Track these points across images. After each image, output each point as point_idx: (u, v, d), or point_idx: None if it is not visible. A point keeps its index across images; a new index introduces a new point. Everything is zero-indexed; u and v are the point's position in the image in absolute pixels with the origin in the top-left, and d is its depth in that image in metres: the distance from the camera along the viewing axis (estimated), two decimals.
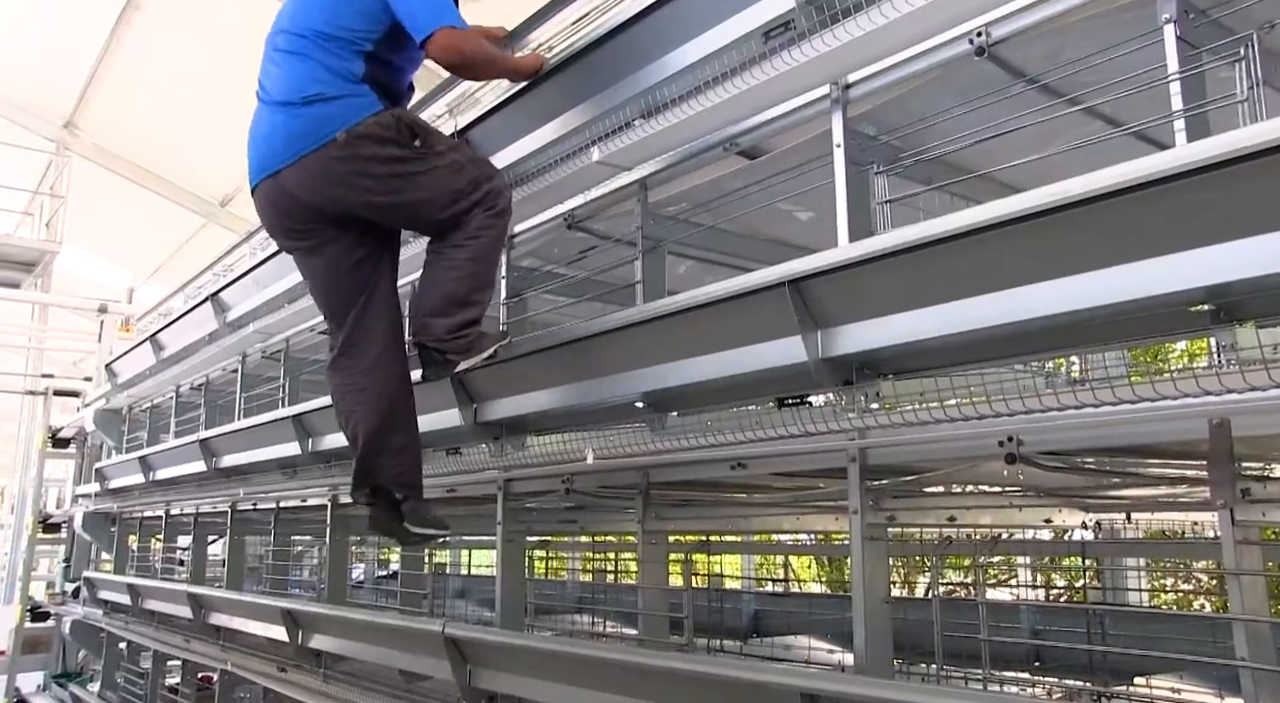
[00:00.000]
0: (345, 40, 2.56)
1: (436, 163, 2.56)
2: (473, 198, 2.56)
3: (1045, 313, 1.77)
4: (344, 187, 2.54)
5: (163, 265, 16.05)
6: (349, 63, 2.56)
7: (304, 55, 2.57)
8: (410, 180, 2.54)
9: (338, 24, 2.57)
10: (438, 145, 2.59)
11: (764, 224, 3.25)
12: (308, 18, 2.62)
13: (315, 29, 2.57)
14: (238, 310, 5.42)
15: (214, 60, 11.03)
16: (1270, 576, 2.95)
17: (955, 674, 2.40)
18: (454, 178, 2.57)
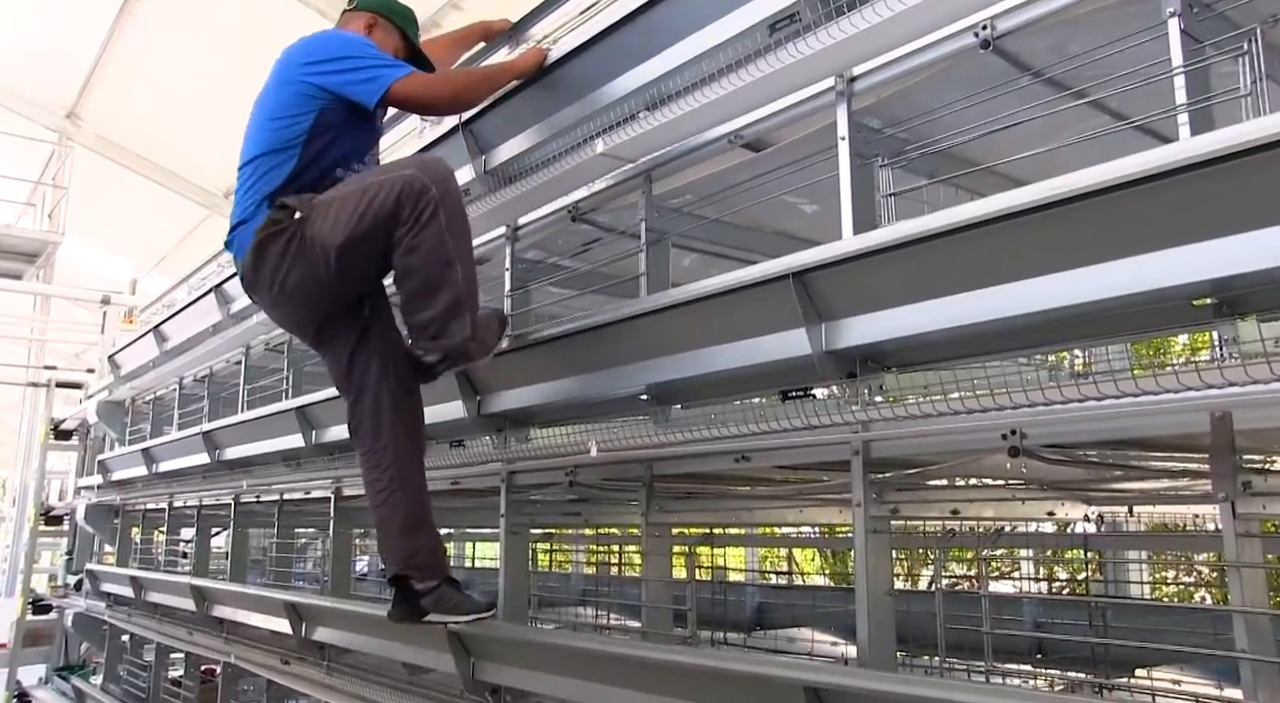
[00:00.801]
0: (277, 151, 2.63)
1: (321, 212, 2.52)
2: (384, 207, 2.46)
3: (1049, 306, 1.77)
4: (276, 294, 2.63)
5: (166, 257, 16.06)
6: (275, 174, 2.62)
7: (240, 187, 2.70)
8: (308, 249, 2.52)
9: (272, 137, 2.64)
10: (320, 196, 2.56)
11: (768, 217, 3.25)
12: (248, 146, 2.72)
13: (252, 155, 2.68)
14: (241, 302, 5.42)
15: (216, 51, 11.04)
16: (1270, 568, 2.96)
17: (958, 667, 2.41)
18: (345, 207, 2.50)
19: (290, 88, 2.65)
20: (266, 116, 2.69)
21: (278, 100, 2.67)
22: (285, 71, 2.69)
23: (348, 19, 2.90)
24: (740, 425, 2.32)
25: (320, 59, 2.63)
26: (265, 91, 2.75)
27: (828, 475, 2.84)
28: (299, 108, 2.63)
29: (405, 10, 2.96)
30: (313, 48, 2.68)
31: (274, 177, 2.62)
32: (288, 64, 2.69)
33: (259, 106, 2.74)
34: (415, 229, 2.44)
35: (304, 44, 2.71)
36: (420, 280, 2.50)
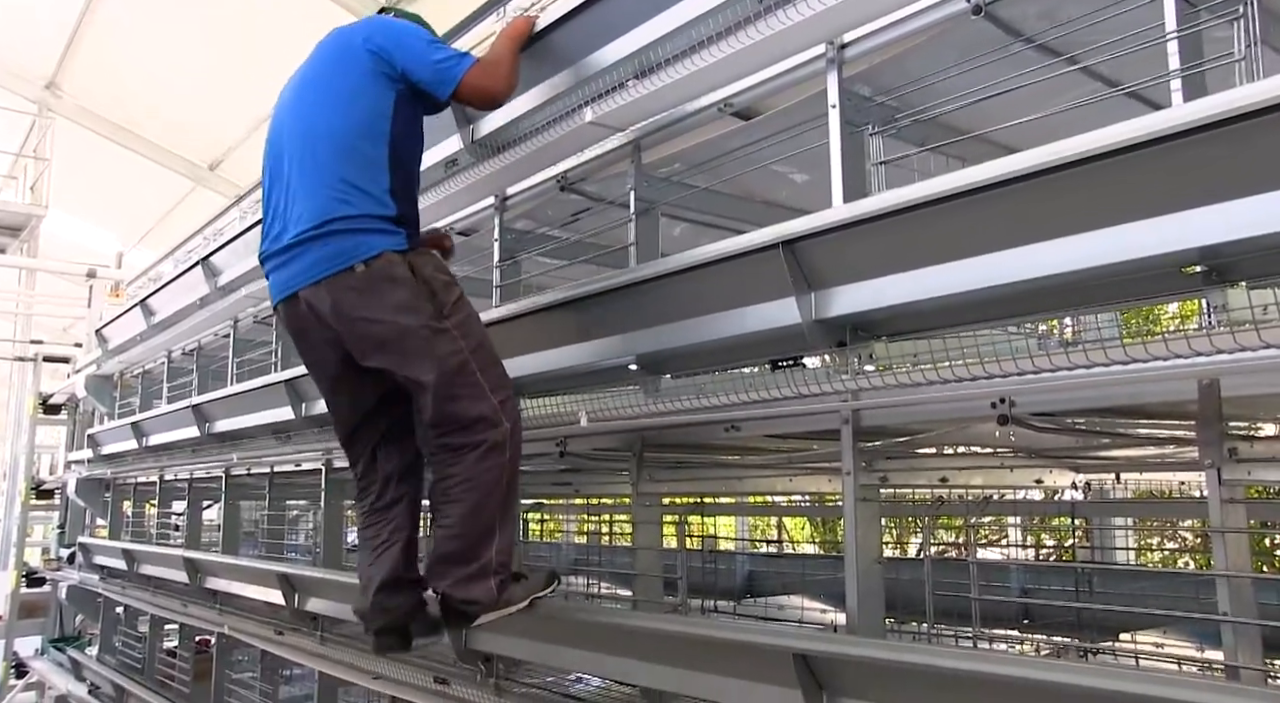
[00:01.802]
0: (363, 135, 2.39)
1: (438, 341, 2.32)
2: (461, 407, 2.31)
3: (1039, 275, 1.77)
4: (349, 320, 2.35)
5: (152, 230, 15.94)
6: (373, 175, 2.37)
7: (320, 171, 2.38)
8: (404, 340, 2.33)
9: (352, 126, 2.40)
10: (450, 318, 2.35)
11: (758, 186, 3.24)
12: (317, 123, 2.44)
13: (330, 136, 2.40)
14: (229, 274, 5.39)
15: (200, 19, 10.89)
16: (1254, 533, 2.99)
17: (946, 633, 2.44)
18: (449, 362, 2.32)
19: (360, 63, 2.43)
20: (337, 92, 2.43)
21: (343, 76, 2.45)
22: (349, 44, 2.49)
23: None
24: (730, 395, 2.33)
25: (392, 37, 2.46)
26: (316, 72, 2.53)
27: (818, 444, 2.85)
28: (375, 83, 2.42)
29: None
30: (382, 25, 2.52)
31: (374, 172, 2.36)
32: (348, 45, 2.49)
33: (315, 84, 2.50)
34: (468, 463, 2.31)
35: (367, 23, 2.55)
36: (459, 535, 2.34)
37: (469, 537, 2.35)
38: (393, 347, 2.34)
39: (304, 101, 2.51)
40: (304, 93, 2.53)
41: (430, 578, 2.42)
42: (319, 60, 2.56)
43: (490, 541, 2.37)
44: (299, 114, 2.50)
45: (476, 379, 2.33)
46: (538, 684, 3.25)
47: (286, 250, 2.41)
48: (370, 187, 2.35)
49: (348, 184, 2.34)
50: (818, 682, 2.09)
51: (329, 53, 2.55)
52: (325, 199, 2.34)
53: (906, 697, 1.98)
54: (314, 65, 2.56)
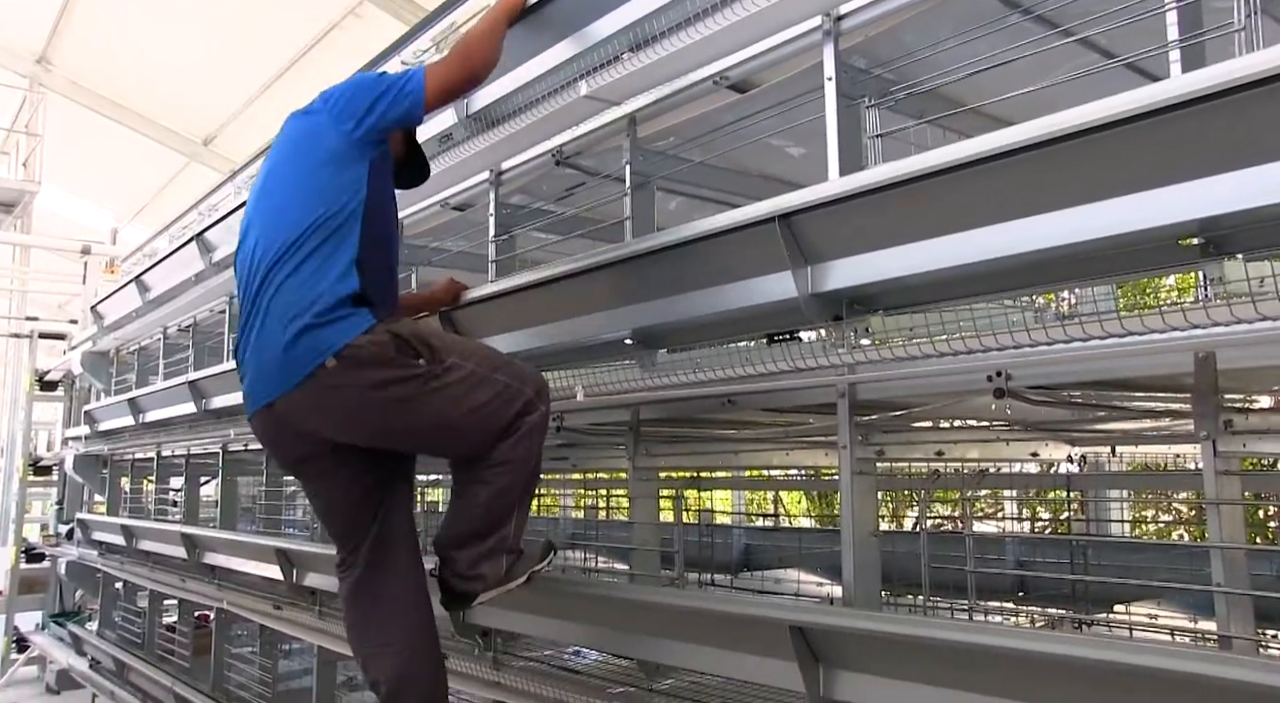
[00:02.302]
0: (328, 221, 2.27)
1: (448, 380, 2.27)
2: (501, 417, 2.31)
3: (1036, 248, 1.77)
4: (341, 416, 2.28)
5: (146, 206, 15.86)
6: (337, 257, 2.25)
7: (287, 272, 2.26)
8: (416, 404, 2.26)
9: (318, 201, 2.29)
10: (448, 357, 2.29)
11: (754, 160, 3.23)
12: (283, 218, 2.31)
13: (295, 228, 2.28)
14: (223, 250, 5.37)
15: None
16: (1248, 504, 3.00)
17: (942, 605, 2.45)
18: (473, 393, 2.29)
19: (321, 143, 2.36)
20: (298, 182, 2.34)
21: (307, 160, 2.36)
22: (306, 129, 2.42)
23: None
24: (727, 369, 2.33)
25: (344, 100, 2.37)
26: (274, 168, 2.44)
27: (814, 418, 2.85)
28: (342, 164, 2.33)
29: None
30: (327, 98, 2.43)
31: (339, 252, 2.26)
32: (307, 123, 2.43)
33: (270, 179, 2.42)
34: (504, 462, 2.33)
35: (316, 103, 2.46)
36: (481, 517, 2.36)
37: (493, 514, 2.36)
38: (398, 430, 2.33)
39: (269, 201, 2.41)
40: (266, 181, 2.45)
41: (441, 549, 2.41)
42: (281, 150, 2.47)
43: (510, 518, 2.38)
44: (265, 218, 2.39)
45: (497, 401, 2.31)
46: (535, 658, 3.27)
47: (256, 360, 2.33)
48: (333, 268, 2.24)
49: (312, 285, 2.23)
50: (814, 654, 2.10)
51: (290, 140, 2.46)
52: (292, 311, 2.23)
53: (902, 669, 1.99)
54: (277, 155, 2.47)
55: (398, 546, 2.52)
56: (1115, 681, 1.65)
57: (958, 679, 1.89)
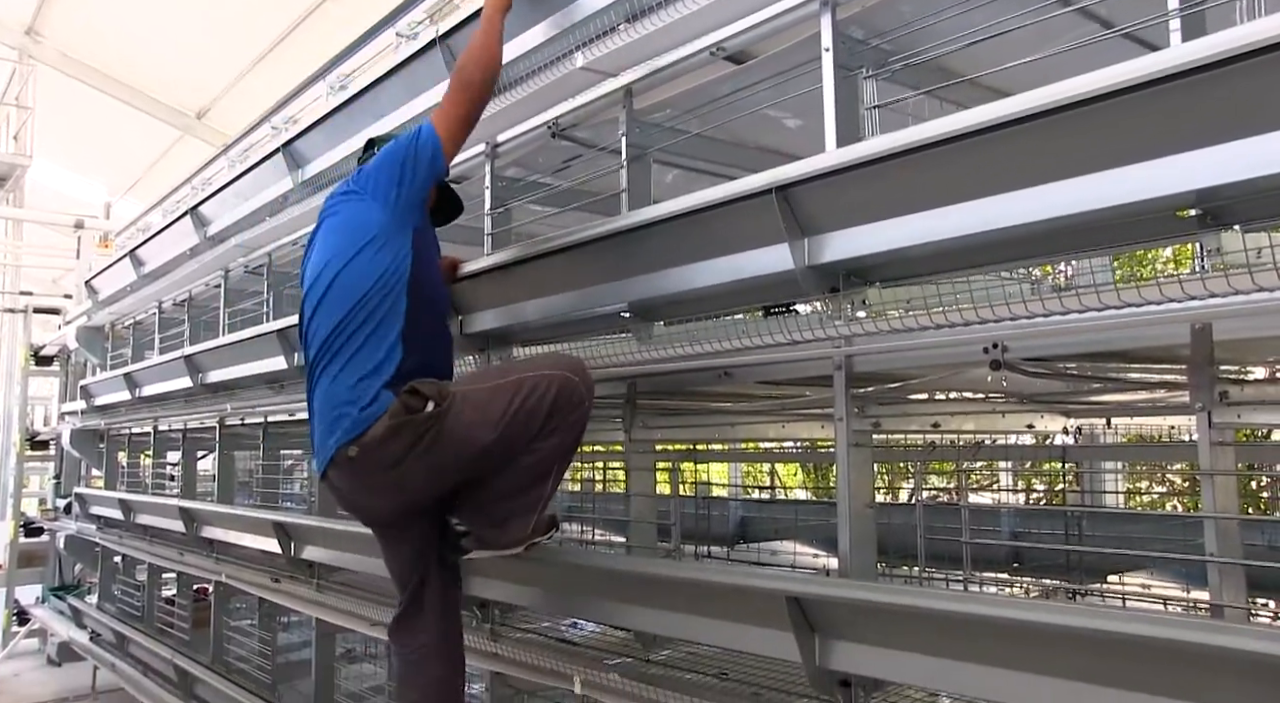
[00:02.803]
0: (380, 303, 2.38)
1: (462, 406, 2.34)
2: (535, 415, 2.36)
3: (1033, 219, 1.76)
4: (375, 485, 2.43)
5: (140, 180, 15.77)
6: (382, 335, 2.38)
7: (332, 359, 2.40)
8: (440, 447, 2.33)
9: (364, 282, 2.40)
10: (459, 387, 2.38)
11: (751, 132, 3.21)
12: (338, 296, 2.43)
13: (343, 310, 2.40)
14: (218, 224, 5.36)
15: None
16: (1242, 475, 3.01)
17: (937, 577, 2.47)
18: (491, 405, 2.36)
19: (362, 226, 2.45)
20: (344, 266, 2.42)
21: (350, 242, 2.44)
22: (346, 212, 2.51)
23: None
24: (723, 341, 2.33)
25: (382, 174, 2.47)
26: (321, 252, 2.53)
27: (810, 390, 2.86)
28: (385, 246, 2.42)
29: None
30: (355, 180, 2.56)
31: (382, 341, 2.37)
32: (343, 206, 2.53)
33: (320, 261, 2.50)
34: (552, 434, 2.39)
35: (346, 185, 2.58)
36: (520, 480, 2.44)
37: (535, 473, 2.44)
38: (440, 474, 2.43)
39: (326, 276, 2.48)
40: (327, 266, 2.50)
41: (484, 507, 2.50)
42: (332, 225, 2.55)
43: (546, 481, 2.48)
44: (321, 293, 2.48)
45: (522, 400, 2.35)
46: (533, 630, 3.29)
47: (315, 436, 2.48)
48: (377, 351, 2.36)
49: (351, 377, 2.37)
50: (810, 624, 2.12)
51: (339, 217, 2.54)
52: (334, 389, 2.39)
53: (898, 639, 2.01)
54: (330, 228, 2.56)
55: (434, 603, 2.66)
56: (1108, 649, 1.66)
57: (953, 649, 1.90)
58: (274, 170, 4.56)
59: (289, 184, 4.46)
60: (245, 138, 5.54)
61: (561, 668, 2.84)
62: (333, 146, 4.13)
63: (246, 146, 5.48)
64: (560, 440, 2.42)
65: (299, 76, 4.72)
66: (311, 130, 4.20)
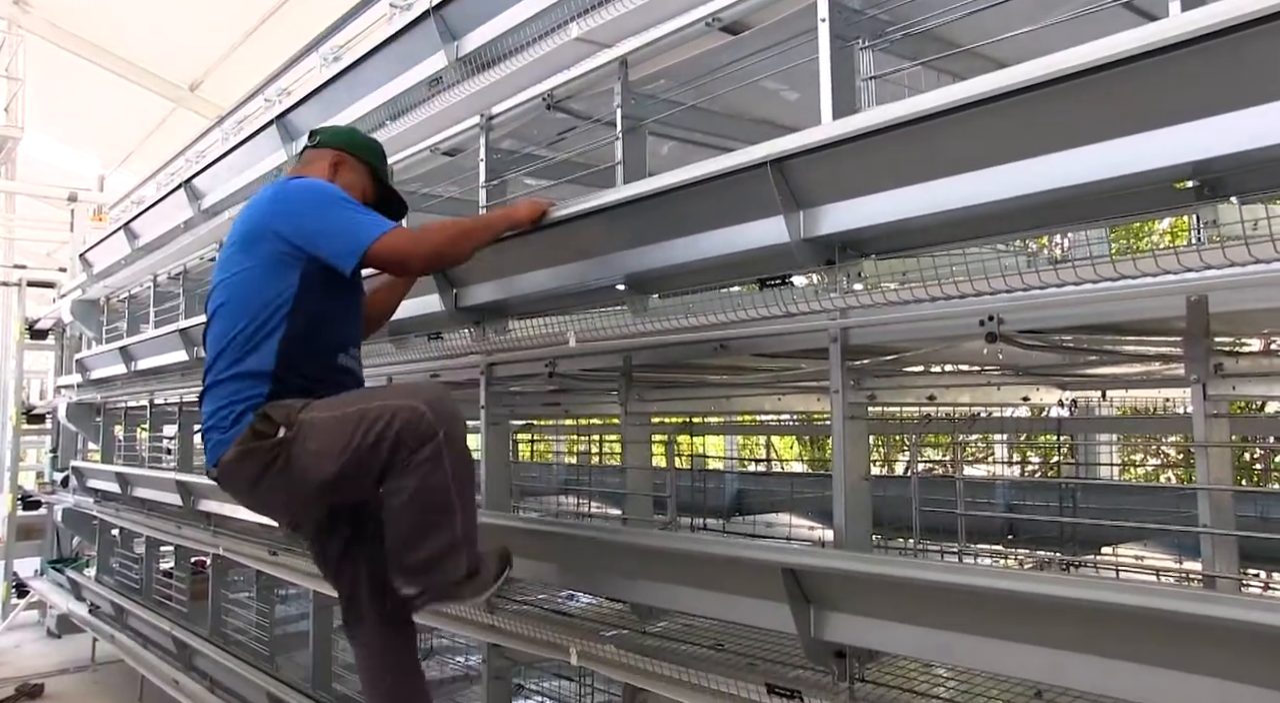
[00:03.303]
0: (258, 327, 2.37)
1: (308, 433, 2.27)
2: (375, 445, 2.22)
3: (1030, 191, 1.76)
4: (246, 503, 2.54)
5: (133, 152, 15.65)
6: (256, 358, 2.36)
7: (216, 375, 2.43)
8: (290, 472, 2.28)
9: (246, 306, 2.39)
10: (308, 413, 2.29)
11: (748, 104, 3.19)
12: (225, 316, 2.44)
13: (226, 333, 2.41)
14: (212, 197, 5.34)
15: None
16: (1236, 447, 3.02)
17: (932, 549, 2.48)
18: (335, 434, 2.25)
19: (263, 246, 2.40)
20: (238, 281, 2.42)
21: (249, 260, 2.42)
22: (253, 226, 2.45)
23: (310, 158, 2.70)
24: (718, 314, 2.32)
25: (292, 213, 2.40)
26: (229, 251, 2.50)
27: (806, 363, 2.86)
28: (276, 271, 2.39)
29: (372, 144, 2.78)
30: (281, 200, 2.45)
31: (257, 365, 2.35)
32: (255, 218, 2.46)
33: (224, 269, 2.49)
34: (409, 472, 2.22)
35: (271, 195, 2.48)
36: (410, 526, 2.28)
37: (427, 512, 2.28)
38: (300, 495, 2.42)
39: (215, 289, 2.50)
40: (216, 275, 2.52)
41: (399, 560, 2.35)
42: (232, 235, 2.52)
43: (452, 516, 2.29)
44: (211, 302, 2.52)
45: (361, 430, 2.23)
46: (530, 602, 3.31)
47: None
48: (243, 378, 2.37)
49: (224, 394, 2.39)
50: (806, 596, 2.13)
51: (236, 226, 2.51)
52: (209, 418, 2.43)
53: (893, 610, 2.02)
54: (228, 240, 2.53)
55: (369, 603, 2.62)
56: (1102, 620, 1.67)
57: (948, 620, 1.92)
58: (268, 143, 4.53)
59: (283, 156, 4.44)
60: (238, 110, 5.50)
61: (558, 640, 2.86)
62: (326, 118, 4.10)
63: (240, 119, 5.44)
64: (423, 480, 2.22)
65: (292, 48, 4.68)
66: (305, 102, 4.18)
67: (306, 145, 2.75)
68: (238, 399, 2.34)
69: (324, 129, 2.81)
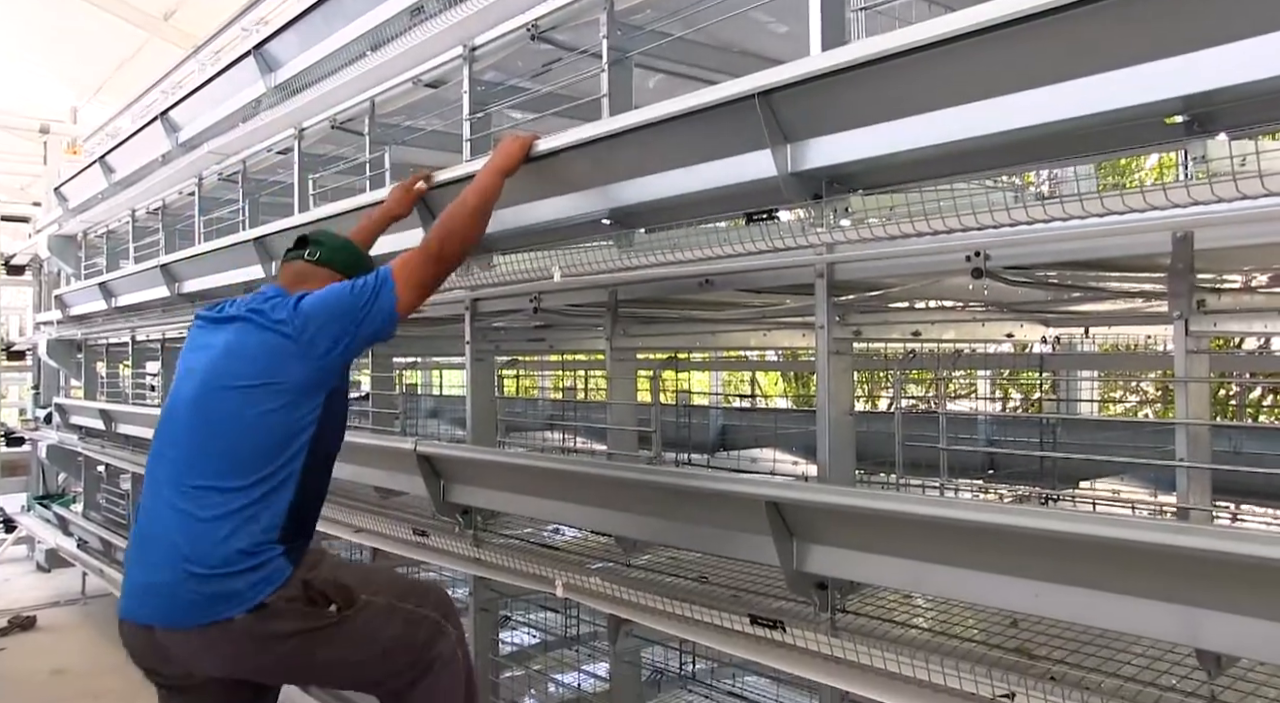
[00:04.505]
0: (270, 477, 2.12)
1: (358, 619, 2.17)
2: (410, 647, 2.23)
3: (1020, 125, 1.74)
4: (235, 663, 2.14)
5: (107, 82, 15.31)
6: (270, 505, 2.11)
7: (206, 502, 2.09)
8: (325, 649, 2.15)
9: (263, 456, 2.12)
10: (360, 595, 2.19)
11: (736, 36, 3.14)
12: (225, 449, 2.12)
13: (233, 468, 2.10)
14: (190, 130, 5.24)
15: None
16: (1216, 381, 3.05)
17: (914, 484, 2.51)
18: (384, 627, 2.21)
19: (291, 372, 2.15)
20: (258, 409, 2.13)
21: (272, 389, 2.14)
22: (272, 346, 2.18)
23: (310, 274, 2.41)
24: (704, 249, 2.31)
25: (322, 325, 2.16)
26: (231, 361, 2.19)
27: (792, 299, 2.86)
28: (305, 396, 2.16)
29: (371, 264, 2.44)
30: (304, 319, 2.17)
31: (270, 507, 2.11)
32: (275, 342, 2.17)
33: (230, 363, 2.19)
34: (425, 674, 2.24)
35: (281, 312, 2.20)
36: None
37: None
38: (302, 673, 2.31)
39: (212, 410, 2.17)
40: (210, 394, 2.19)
41: None
42: (234, 351, 2.21)
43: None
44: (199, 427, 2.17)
45: (406, 630, 2.24)
46: (515, 535, 3.35)
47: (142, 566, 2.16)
48: (261, 517, 2.10)
49: (228, 529, 2.07)
50: (789, 529, 2.16)
51: (245, 348, 2.20)
52: (202, 546, 2.07)
53: (875, 542, 2.05)
54: (232, 355, 2.21)
55: None
56: (1078, 551, 1.70)
57: (928, 552, 1.95)
58: (245, 74, 4.44)
59: (261, 88, 4.36)
60: (214, 40, 5.37)
61: (544, 572, 2.90)
62: (306, 49, 4.02)
63: (217, 49, 5.32)
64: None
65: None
66: (284, 32, 4.08)
67: (303, 256, 2.46)
68: (246, 538, 2.07)
69: (320, 241, 2.49)
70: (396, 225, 2.99)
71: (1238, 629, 1.56)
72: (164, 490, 2.16)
